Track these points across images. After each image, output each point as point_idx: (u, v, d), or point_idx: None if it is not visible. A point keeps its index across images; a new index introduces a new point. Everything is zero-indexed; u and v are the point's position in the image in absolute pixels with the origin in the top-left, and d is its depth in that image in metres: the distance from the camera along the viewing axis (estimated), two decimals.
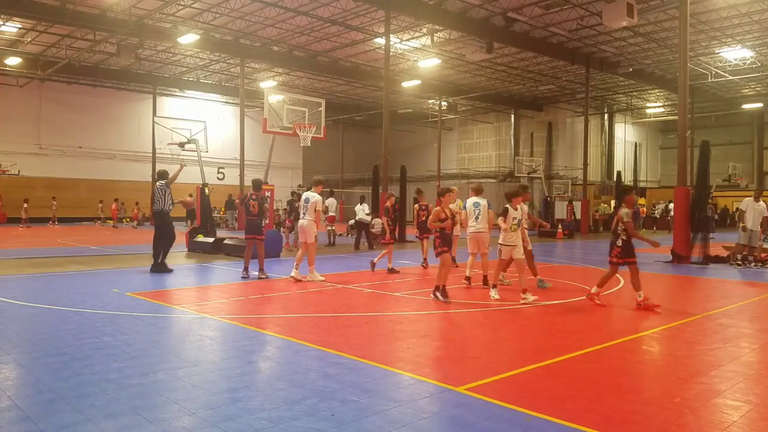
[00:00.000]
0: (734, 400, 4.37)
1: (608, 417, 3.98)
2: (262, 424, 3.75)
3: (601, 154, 40.50)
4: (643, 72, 30.42)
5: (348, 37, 25.93)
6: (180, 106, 37.62)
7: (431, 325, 7.07)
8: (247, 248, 11.14)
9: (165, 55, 29.90)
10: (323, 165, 45.18)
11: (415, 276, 11.80)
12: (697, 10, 21.10)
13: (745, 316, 7.90)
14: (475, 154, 44.24)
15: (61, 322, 6.78)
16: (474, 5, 21.32)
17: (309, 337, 6.15)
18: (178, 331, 6.57)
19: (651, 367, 5.47)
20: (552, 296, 9.18)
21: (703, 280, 11.99)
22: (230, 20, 23.96)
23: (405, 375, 4.87)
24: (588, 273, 12.69)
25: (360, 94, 38.77)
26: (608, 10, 19.13)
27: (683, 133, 15.71)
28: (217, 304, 8.34)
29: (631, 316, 8.05)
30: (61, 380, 4.60)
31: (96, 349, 5.53)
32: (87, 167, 35.01)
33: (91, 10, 22.06)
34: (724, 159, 36.67)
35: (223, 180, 37.86)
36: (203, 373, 4.88)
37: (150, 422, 3.75)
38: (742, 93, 35.86)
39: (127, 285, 9.67)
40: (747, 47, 25.73)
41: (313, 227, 10.58)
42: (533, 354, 5.61)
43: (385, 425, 3.77)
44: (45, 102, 33.90)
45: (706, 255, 14.97)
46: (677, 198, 15.60)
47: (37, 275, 10.90)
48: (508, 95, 37.41)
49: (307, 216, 10.59)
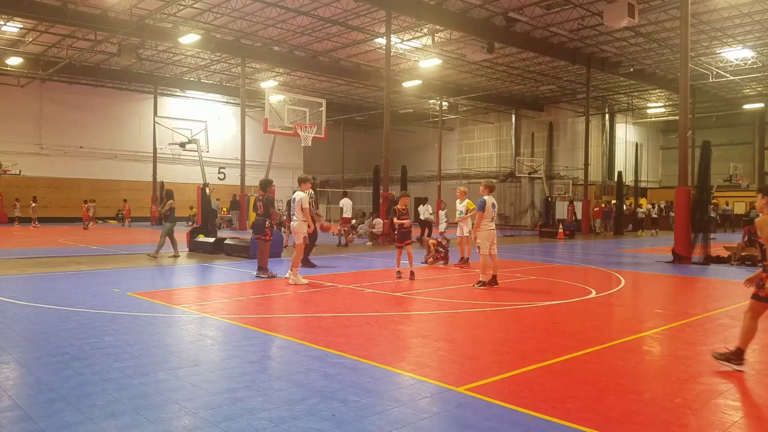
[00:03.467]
0: (735, 401, 4.37)
1: (609, 417, 3.98)
2: (263, 424, 3.75)
3: (602, 154, 40.47)
4: (644, 72, 30.41)
5: (349, 37, 25.94)
6: (181, 106, 37.65)
7: (432, 325, 7.06)
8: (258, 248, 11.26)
9: (166, 55, 29.92)
10: (324, 165, 45.20)
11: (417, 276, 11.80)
12: (699, 11, 21.09)
13: None
14: (476, 154, 44.23)
15: (62, 321, 6.79)
16: (475, 5, 21.32)
17: (309, 337, 6.16)
18: (179, 331, 6.58)
19: (652, 368, 5.47)
20: (553, 297, 9.18)
21: (703, 281, 11.99)
22: (231, 20, 23.98)
23: (406, 375, 4.87)
24: (588, 273, 12.69)
25: (361, 94, 38.78)
26: (609, 10, 19.12)
27: (684, 134, 15.70)
28: (217, 303, 8.35)
29: (631, 316, 8.05)
30: (62, 380, 4.60)
31: (97, 349, 5.53)
32: (88, 167, 35.03)
33: (92, 10, 22.08)
34: (725, 159, 36.64)
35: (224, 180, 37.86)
36: (204, 373, 4.88)
37: (151, 422, 3.75)
38: (743, 93, 35.83)
39: (128, 285, 9.68)
40: (748, 47, 25.71)
41: (301, 228, 10.40)
42: (534, 354, 5.61)
43: (385, 425, 3.77)
44: (46, 102, 33.93)
45: (706, 255, 14.97)
46: (678, 198, 15.59)
47: (37, 275, 10.90)
48: (509, 95, 37.41)
49: (296, 216, 10.50)
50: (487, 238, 9.93)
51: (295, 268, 10.18)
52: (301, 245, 10.42)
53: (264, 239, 11.13)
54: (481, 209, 9.96)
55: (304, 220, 10.41)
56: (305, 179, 10.86)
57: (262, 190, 11.39)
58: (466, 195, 13.32)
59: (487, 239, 9.91)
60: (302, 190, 10.58)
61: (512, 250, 18.27)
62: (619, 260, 16.07)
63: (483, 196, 10.06)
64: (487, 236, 9.93)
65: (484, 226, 9.95)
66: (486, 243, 9.88)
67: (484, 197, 10.01)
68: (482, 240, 9.91)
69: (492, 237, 9.96)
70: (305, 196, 10.51)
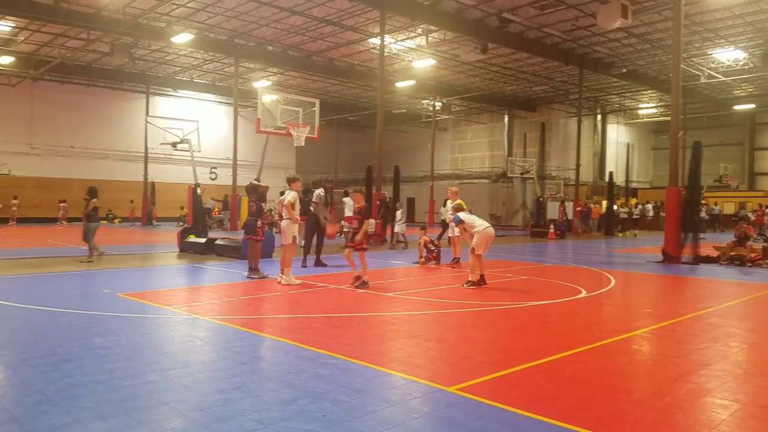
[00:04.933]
0: (723, 399, 4.40)
1: (599, 417, 3.99)
2: (253, 425, 3.74)
3: (593, 154, 40.61)
4: (637, 73, 30.55)
5: (343, 37, 25.91)
6: (173, 105, 37.46)
7: (423, 326, 7.07)
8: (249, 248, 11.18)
9: (159, 55, 29.78)
10: (317, 165, 45.11)
11: (408, 276, 11.81)
12: (691, 12, 21.21)
13: (735, 316, 7.96)
14: (469, 154, 44.30)
15: (51, 323, 6.74)
16: (469, 6, 21.35)
17: (300, 337, 6.14)
18: (169, 332, 6.55)
19: (641, 367, 5.50)
20: (544, 297, 9.21)
21: (693, 280, 12.07)
22: (225, 20, 23.90)
23: (397, 375, 4.87)
24: (579, 273, 12.74)
25: (354, 94, 38.75)
26: (602, 11, 19.20)
27: (675, 134, 15.78)
28: (208, 304, 8.32)
29: (621, 316, 8.09)
30: (50, 382, 4.57)
31: (86, 350, 5.50)
32: (79, 167, 34.78)
33: (85, 9, 21.94)
34: (715, 160, 36.84)
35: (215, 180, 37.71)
36: (194, 374, 4.86)
37: (140, 424, 3.73)
38: (734, 94, 36.06)
39: (118, 285, 9.62)
40: (740, 48, 25.87)
41: (289, 228, 10.39)
42: (525, 354, 5.63)
43: (376, 425, 3.77)
44: (37, 101, 33.68)
45: (696, 255, 15.06)
46: (669, 198, 15.67)
47: (25, 276, 10.83)
48: (502, 96, 37.49)
49: (285, 216, 10.51)
50: (485, 239, 9.98)
51: (287, 269, 10.15)
52: (287, 245, 10.38)
53: (256, 239, 11.10)
54: (460, 223, 10.33)
55: (289, 218, 10.42)
56: (294, 179, 10.86)
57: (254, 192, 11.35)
58: (458, 195, 13.41)
59: (484, 241, 9.97)
60: (292, 190, 10.60)
61: (504, 250, 18.31)
62: (609, 260, 16.14)
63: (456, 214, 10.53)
64: (484, 238, 9.97)
65: (479, 228, 10.00)
66: (482, 244, 9.94)
67: (458, 214, 10.40)
68: (479, 240, 9.91)
69: (489, 237, 10.01)
70: (289, 195, 10.49)
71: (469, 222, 10.15)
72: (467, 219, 10.22)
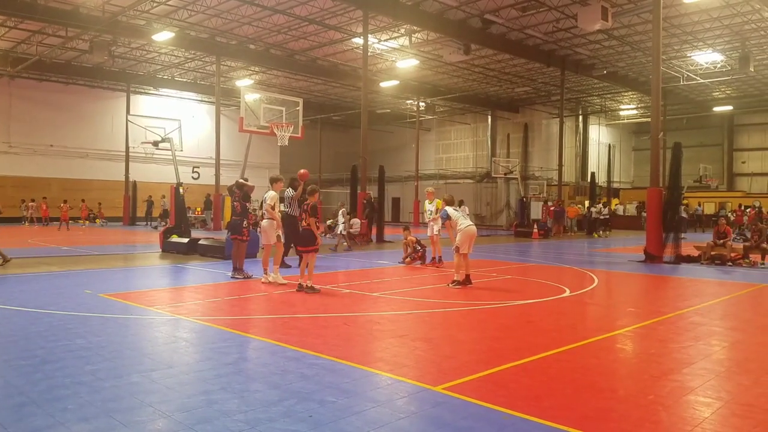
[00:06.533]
0: (706, 397, 4.46)
1: (584, 415, 4.02)
2: (239, 426, 3.71)
3: (575, 155, 41.01)
4: (617, 74, 30.91)
5: (326, 37, 25.84)
6: (154, 104, 37.04)
7: (409, 325, 7.07)
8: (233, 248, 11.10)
9: (139, 53, 29.44)
10: (301, 165, 44.28)
11: (394, 276, 11.81)
12: (670, 14, 21.51)
13: (716, 315, 8.07)
14: (453, 154, 44.48)
15: (32, 323, 6.63)
16: (452, 7, 21.43)
17: (286, 338, 6.11)
18: (153, 332, 6.47)
19: (625, 366, 5.55)
20: (528, 296, 9.27)
21: (675, 279, 12.22)
22: (206, 18, 23.70)
23: (383, 375, 4.87)
24: (563, 273, 12.84)
25: (338, 94, 38.67)
26: (583, 13, 19.39)
27: (656, 135, 15.99)
28: (191, 305, 8.24)
29: (605, 315, 8.16)
30: (32, 383, 4.49)
31: (68, 352, 5.41)
32: (58, 166, 34.29)
33: (63, 6, 21.63)
34: (695, 160, 37.41)
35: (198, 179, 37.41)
36: (178, 375, 4.81)
37: (124, 425, 3.68)
38: (712, 96, 36.66)
39: (100, 286, 9.49)
40: (717, 51, 26.30)
41: (271, 227, 10.38)
42: (510, 353, 5.65)
43: (363, 426, 3.76)
44: (15, 99, 33.12)
45: (678, 255, 15.26)
46: (650, 199, 15.87)
47: (5, 276, 10.63)
48: (485, 96, 37.70)
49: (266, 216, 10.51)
50: (468, 237, 9.98)
51: (276, 266, 10.23)
52: (269, 246, 10.38)
53: (241, 239, 11.02)
54: (447, 219, 10.28)
55: (272, 219, 10.39)
56: (277, 179, 10.82)
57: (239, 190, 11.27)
58: (435, 195, 13.52)
59: (467, 239, 9.96)
60: (274, 190, 10.56)
61: (488, 250, 18.40)
62: (592, 260, 16.30)
63: (444, 208, 10.50)
64: (467, 236, 9.97)
65: (462, 226, 10.01)
66: (466, 243, 9.93)
67: (446, 209, 10.37)
68: (462, 238, 9.92)
69: (472, 236, 10.03)
70: (270, 195, 10.44)
71: (454, 219, 10.16)
72: (454, 215, 10.20)
